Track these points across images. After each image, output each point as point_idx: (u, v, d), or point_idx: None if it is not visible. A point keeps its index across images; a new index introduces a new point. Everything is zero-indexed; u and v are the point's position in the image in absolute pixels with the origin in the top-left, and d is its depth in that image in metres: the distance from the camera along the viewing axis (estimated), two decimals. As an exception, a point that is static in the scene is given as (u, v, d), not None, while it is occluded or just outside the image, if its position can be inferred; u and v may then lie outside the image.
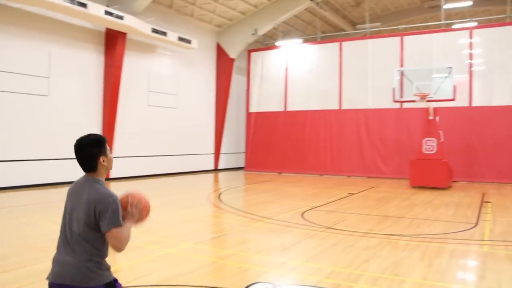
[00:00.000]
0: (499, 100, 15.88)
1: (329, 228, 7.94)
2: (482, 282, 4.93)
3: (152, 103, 18.02)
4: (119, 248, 2.64)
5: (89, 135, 2.79)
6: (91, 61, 15.65)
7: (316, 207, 10.45)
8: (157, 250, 6.56)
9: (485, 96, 16.21)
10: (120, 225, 2.62)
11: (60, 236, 2.72)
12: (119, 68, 15.92)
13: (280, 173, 20.02)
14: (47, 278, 2.65)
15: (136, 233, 7.57)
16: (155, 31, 16.43)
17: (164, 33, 16.88)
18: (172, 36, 17.24)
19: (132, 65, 17.02)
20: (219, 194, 13.04)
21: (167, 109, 18.78)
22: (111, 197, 2.63)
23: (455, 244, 6.66)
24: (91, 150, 2.74)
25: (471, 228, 7.85)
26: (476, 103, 16.21)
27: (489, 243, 6.71)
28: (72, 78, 15.01)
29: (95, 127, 15.78)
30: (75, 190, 2.77)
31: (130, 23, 15.02)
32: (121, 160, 16.66)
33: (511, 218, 8.83)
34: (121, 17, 14.62)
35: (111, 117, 15.97)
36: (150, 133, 17.89)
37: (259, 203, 11.51)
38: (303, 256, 6.16)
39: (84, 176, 2.80)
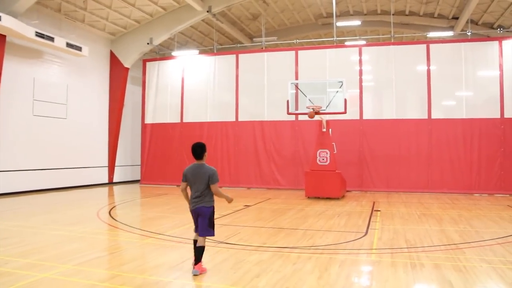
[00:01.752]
0: (386, 114, 16.82)
1: (221, 242, 7.63)
2: (369, 292, 4.90)
3: (38, 113, 16.62)
4: (216, 194, 5.91)
5: (199, 142, 6.02)
6: (-38, 65, 14.05)
7: (211, 220, 10.09)
8: (30, 276, 5.79)
9: (374, 110, 17.09)
10: (218, 181, 5.82)
11: (192, 191, 5.90)
12: (-3, 75, 14.46)
13: (178, 186, 19.40)
14: (191, 208, 5.98)
15: (8, 257, 6.73)
16: (40, 35, 15.17)
17: (51, 38, 15.65)
18: (60, 42, 16.06)
19: (15, 71, 15.60)
20: (111, 209, 12.20)
21: (56, 119, 17.45)
22: (214, 169, 5.82)
23: (345, 254, 6.66)
24: (202, 149, 5.91)
25: (361, 237, 7.98)
26: (366, 116, 17.00)
27: (376, 252, 6.81)
28: None
29: None
30: (196, 168, 5.87)
31: (8, 24, 13.67)
32: (4, 174, 15.15)
33: (397, 226, 9.16)
34: (-3, 17, 13.30)
35: (-11, 128, 14.45)
36: (37, 145, 16.49)
37: (152, 218, 10.91)
38: (192, 274, 5.76)
39: (197, 162, 5.89)
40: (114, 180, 20.74)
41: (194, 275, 5.59)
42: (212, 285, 5.22)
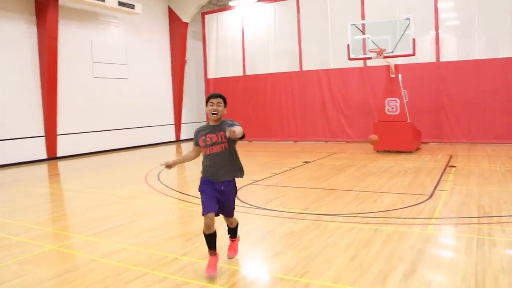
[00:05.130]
0: (469, 54, 14.55)
1: (257, 208, 6.74)
2: (407, 281, 3.74)
3: (99, 74, 16.51)
4: None
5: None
6: (22, 33, 14.12)
7: (258, 180, 9.23)
8: (38, 248, 5.35)
9: (453, 50, 14.84)
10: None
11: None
12: (54, 38, 14.34)
13: (250, 141, 18.68)
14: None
15: (32, 224, 6.36)
16: (89, -5, 14.77)
17: (101, -2, 15.20)
18: (111, 1, 15.52)
19: (71, 34, 15.47)
20: (162, 170, 11.75)
21: (117, 80, 17.29)
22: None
23: (396, 225, 5.47)
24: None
25: (424, 201, 6.68)
26: (444, 58, 14.87)
27: (436, 222, 5.53)
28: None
29: (34, 104, 14.50)
30: None
31: (57, -13, 13.34)
32: (68, 137, 15.45)
33: (471, 186, 7.66)
34: (46, -19, 12.94)
35: (52, 93, 14.57)
36: (99, 107, 16.48)
37: (197, 179, 10.25)
38: (199, 252, 4.87)
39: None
40: (182, 138, 20.52)
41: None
42: (223, 265, 4.35)
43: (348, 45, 12.86)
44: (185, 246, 5.08)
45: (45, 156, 14.76)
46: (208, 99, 4.12)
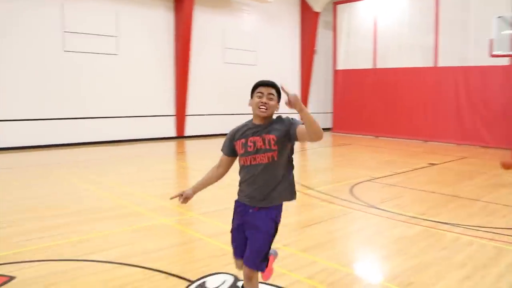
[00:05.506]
0: None
1: (371, 206, 6.44)
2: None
3: (229, 60, 17.16)
4: None
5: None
6: (160, 18, 15.24)
7: (377, 178, 8.85)
8: (151, 219, 5.76)
9: None
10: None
11: None
12: (188, 24, 15.21)
13: (377, 136, 18.09)
14: None
15: (150, 197, 6.83)
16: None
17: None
18: (243, -11, 15.97)
19: (205, 21, 16.25)
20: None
21: (245, 66, 17.79)
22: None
23: (526, 245, 4.84)
24: None
25: None
26: None
27: None
28: (141, 36, 14.84)
29: (168, 86, 15.63)
30: None
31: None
32: (196, 118, 16.40)
33: None
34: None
35: (184, 76, 15.53)
36: (227, 91, 17.15)
37: (315, 170, 10.22)
38: (303, 244, 4.78)
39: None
40: (306, 126, 20.55)
41: None
42: (319, 260, 4.22)
43: (491, 40, 11.66)
44: (289, 237, 5.02)
45: (174, 134, 15.80)
46: (255, 87, 2.83)
